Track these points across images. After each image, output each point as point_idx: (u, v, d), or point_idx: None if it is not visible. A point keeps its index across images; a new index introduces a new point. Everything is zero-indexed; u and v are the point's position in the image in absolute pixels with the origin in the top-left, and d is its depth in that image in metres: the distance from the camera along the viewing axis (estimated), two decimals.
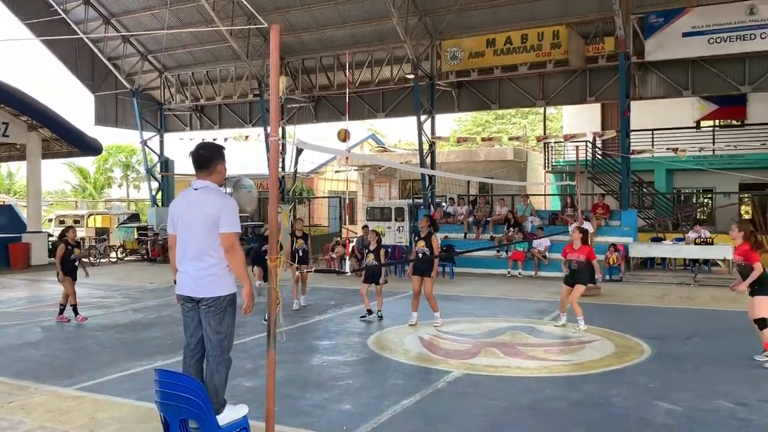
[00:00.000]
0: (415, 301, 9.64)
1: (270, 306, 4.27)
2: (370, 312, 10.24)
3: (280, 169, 21.77)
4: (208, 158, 4.38)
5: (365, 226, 18.57)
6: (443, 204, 20.83)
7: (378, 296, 10.45)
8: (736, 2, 15.80)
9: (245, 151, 26.37)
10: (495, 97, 20.56)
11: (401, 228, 21.53)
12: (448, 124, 39.64)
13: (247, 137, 23.91)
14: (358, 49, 20.51)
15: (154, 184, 25.21)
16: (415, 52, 19.06)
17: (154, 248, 21.60)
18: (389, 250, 18.78)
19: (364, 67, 20.80)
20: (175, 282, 4.47)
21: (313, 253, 20.41)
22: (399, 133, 42.01)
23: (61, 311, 10.26)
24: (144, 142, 24.92)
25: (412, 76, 19.50)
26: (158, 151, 25.48)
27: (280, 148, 20.86)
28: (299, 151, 20.56)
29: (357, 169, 31.60)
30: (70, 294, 10.21)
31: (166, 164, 25.38)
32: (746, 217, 21.04)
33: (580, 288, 9.34)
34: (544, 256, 16.54)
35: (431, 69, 19.65)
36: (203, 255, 4.25)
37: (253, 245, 17.78)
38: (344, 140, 18.20)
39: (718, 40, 16.22)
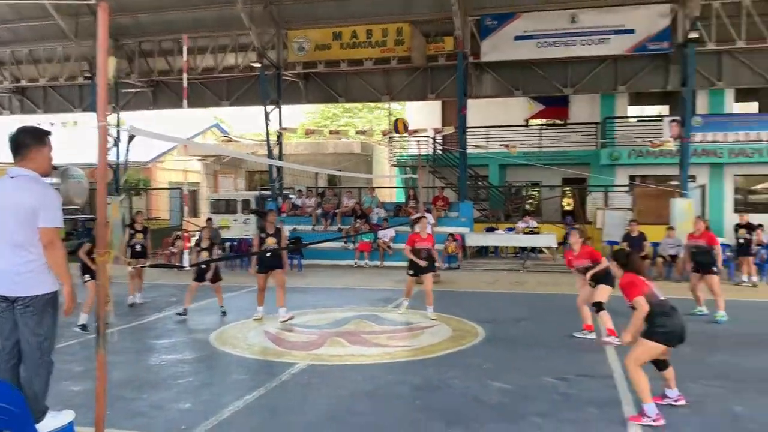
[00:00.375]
0: (261, 296, 9.47)
1: (99, 304, 3.97)
2: (185, 312, 9.77)
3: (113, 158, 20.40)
4: (25, 144, 3.96)
5: (209, 219, 17.96)
6: (291, 196, 20.69)
7: (217, 293, 10.15)
8: (561, 10, 17.18)
9: (74, 138, 24.37)
10: (342, 91, 20.75)
11: (248, 221, 21.08)
12: (298, 116, 39.39)
13: (75, 123, 22.11)
14: (201, 34, 19.68)
15: None
16: (260, 41, 18.69)
17: None
18: (235, 244, 18.35)
19: (207, 52, 20.04)
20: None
21: (153, 248, 19.43)
22: (245, 122, 40.99)
23: None
24: None
25: (257, 65, 19.11)
26: None
27: (117, 135, 19.62)
28: (131, 138, 19.38)
29: (200, 159, 30.43)
30: None
31: None
32: (568, 208, 23.07)
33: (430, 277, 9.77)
34: (389, 247, 17.00)
35: (277, 59, 19.38)
36: (19, 250, 3.84)
37: (84, 240, 16.50)
38: (404, 131, 17.58)
39: (545, 44, 17.55)
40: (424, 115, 24.78)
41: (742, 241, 13.76)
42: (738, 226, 14.09)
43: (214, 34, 19.65)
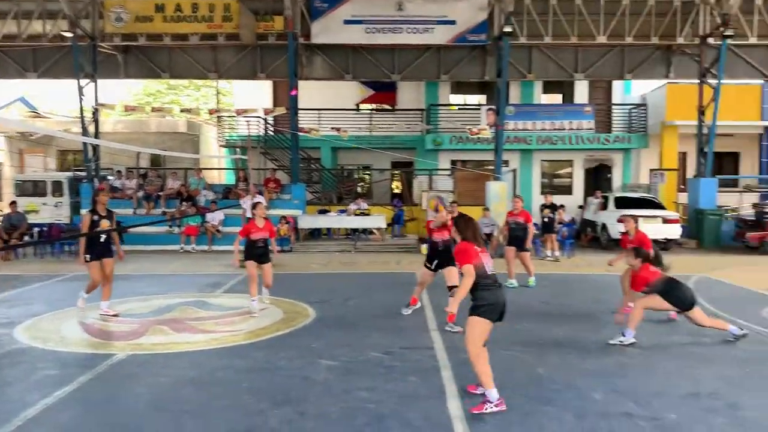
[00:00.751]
0: (95, 287, 8.61)
1: None
2: None
3: None
4: None
5: (13, 203, 16.28)
6: (110, 177, 19.33)
7: None
8: None
9: None
10: (166, 66, 19.69)
11: (59, 204, 19.33)
12: (117, 92, 36.68)
13: None
14: None
15: None
16: (72, 9, 17.13)
17: None
18: (45, 229, 16.83)
19: (9, 18, 18.00)
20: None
21: None
22: (56, 97, 37.41)
23: None
24: None
25: (69, 35, 17.50)
26: None
27: None
28: None
29: (4, 135, 27.31)
30: None
31: None
32: (397, 191, 23.93)
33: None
34: (218, 230, 16.55)
35: (92, 29, 17.91)
36: None
37: None
38: (435, 210, 15.10)
39: (374, 30, 17.98)
40: (254, 94, 24.27)
41: (546, 220, 15.20)
42: (543, 207, 15.53)
43: None
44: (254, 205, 9.24)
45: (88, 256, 8.21)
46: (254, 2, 17.96)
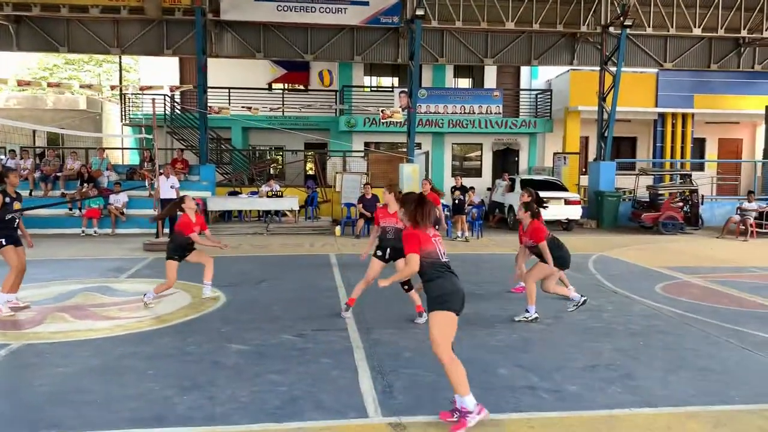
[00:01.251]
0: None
1: None
2: None
3: None
4: None
5: None
6: (2, 157, 18.09)
7: None
8: None
9: None
10: (63, 39, 18.56)
11: None
12: (9, 66, 34.26)
13: None
14: None
15: None
16: None
17: None
18: None
19: None
20: None
21: None
22: None
23: None
24: None
25: None
26: None
27: None
28: None
29: None
30: None
31: None
32: (310, 173, 23.75)
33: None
34: (122, 213, 15.88)
35: None
36: None
37: None
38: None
39: (286, 8, 17.66)
40: (159, 71, 23.32)
41: (456, 201, 15.55)
42: (454, 189, 15.87)
43: None
44: (181, 199, 8.22)
45: (3, 240, 7.42)
46: None
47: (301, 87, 24.93)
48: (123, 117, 24.22)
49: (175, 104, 22.67)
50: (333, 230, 16.07)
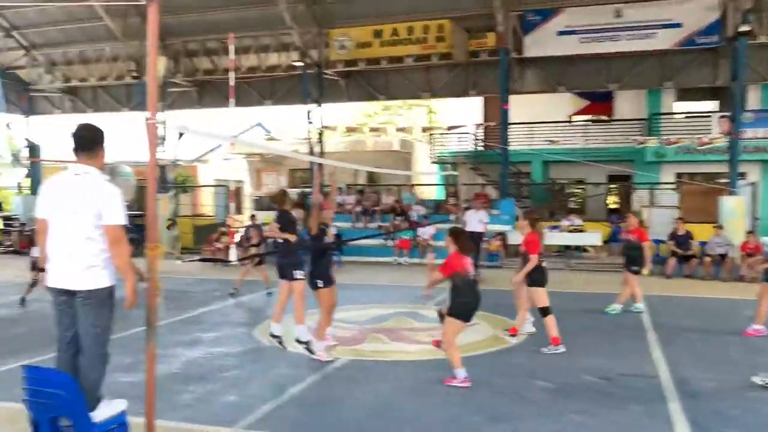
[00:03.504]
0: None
1: (150, 297, 4.10)
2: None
3: (162, 156, 20.90)
4: (91, 139, 4.05)
5: (252, 216, 18.25)
6: None
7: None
8: (605, 5, 16.87)
9: (122, 137, 25.02)
10: (383, 88, 20.78)
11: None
12: (338, 114, 39.63)
13: (125, 122, 22.72)
14: (245, 34, 19.97)
15: (20, 171, 23.38)
16: (302, 40, 18.88)
17: (21, 240, 20.05)
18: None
19: (251, 52, 20.33)
20: (42, 270, 4.12)
21: (197, 243, 19.84)
22: (288, 121, 41.41)
23: None
24: (7, 126, 23.00)
25: (300, 64, 19.30)
26: (25, 136, 23.63)
27: (164, 133, 20.11)
28: (180, 135, 19.84)
29: (244, 157, 30.87)
30: None
31: (33, 149, 23.58)
32: (613, 206, 22.67)
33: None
34: (429, 244, 16.99)
35: (319, 57, 19.54)
36: (82, 246, 3.95)
37: (133, 236, 16.84)
38: None
39: (589, 39, 17.28)
40: (465, 111, 24.64)
41: None
42: None
43: (257, 33, 19.92)
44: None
45: (320, 282, 7.44)
46: (467, 21, 18.25)
47: (604, 117, 24.05)
48: (431, 155, 26.09)
49: (479, 141, 23.67)
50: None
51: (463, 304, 6.06)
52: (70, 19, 20.93)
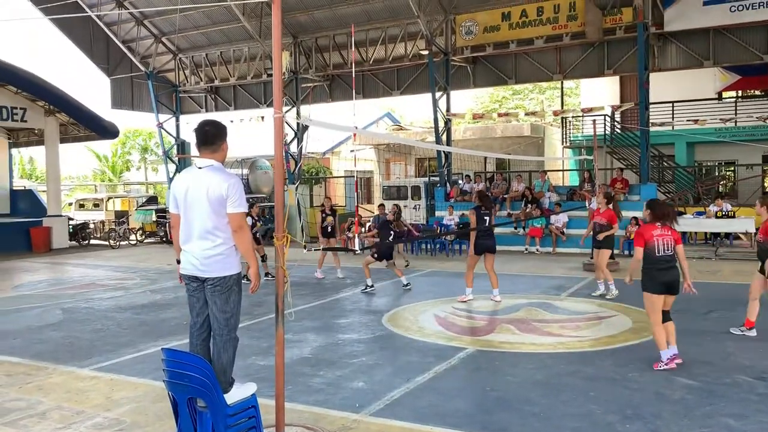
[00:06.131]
0: (470, 276, 9.77)
1: (278, 284, 4.25)
2: (371, 286, 10.92)
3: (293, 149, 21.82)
4: (214, 135, 4.30)
5: (381, 205, 18.53)
6: (460, 182, 20.69)
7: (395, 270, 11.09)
8: None
9: (261, 132, 26.37)
10: (511, 72, 20.27)
11: (417, 206, 21.43)
12: (465, 101, 39.27)
13: (262, 118, 23.89)
14: (371, 26, 20.29)
15: (171, 167, 25.34)
16: (429, 28, 18.82)
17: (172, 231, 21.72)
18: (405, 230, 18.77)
19: (378, 44, 20.59)
20: (178, 261, 4.43)
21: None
22: (415, 111, 41.69)
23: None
24: (160, 125, 25.00)
25: (426, 53, 19.27)
26: (174, 134, 25.57)
27: (297, 127, 20.95)
28: (305, 128, 20.64)
29: (372, 148, 31.47)
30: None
31: (182, 146, 25.45)
32: None
33: (605, 252, 9.82)
34: (562, 233, 16.40)
35: (446, 45, 19.40)
36: (209, 235, 4.19)
37: (270, 226, 17.84)
38: None
39: (740, 8, 15.79)
40: (599, 92, 23.51)
41: None
42: None
43: (384, 24, 20.15)
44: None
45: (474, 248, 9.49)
46: None
47: (759, 93, 21.93)
48: (564, 140, 25.14)
49: (616, 123, 22.46)
50: None
51: (650, 276, 6.03)
52: (211, 23, 22.33)
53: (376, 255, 10.91)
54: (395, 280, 11.35)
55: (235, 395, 4.16)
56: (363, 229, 18.51)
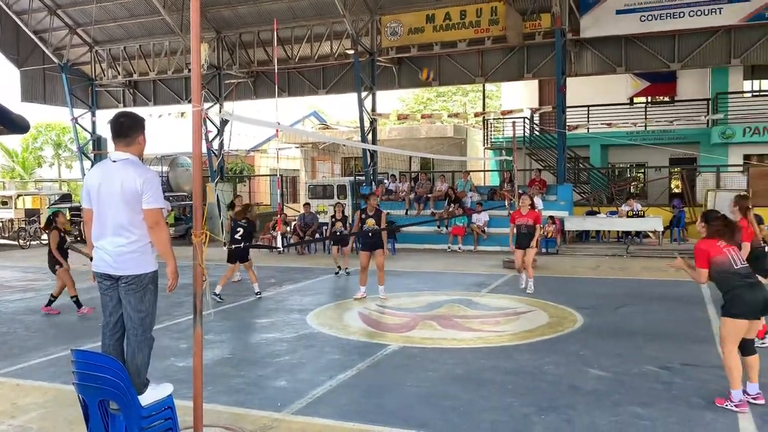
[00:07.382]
0: (363, 276, 9.69)
1: (196, 282, 4.14)
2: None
3: (216, 146, 21.37)
4: (129, 127, 4.14)
5: (307, 204, 18.39)
6: (385, 181, 20.82)
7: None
8: None
9: (182, 130, 25.64)
10: (435, 74, 20.55)
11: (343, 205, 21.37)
12: (391, 102, 39.57)
13: (183, 114, 23.26)
14: (297, 24, 20.14)
15: (87, 163, 24.29)
16: (354, 27, 18.84)
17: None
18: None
19: (304, 42, 20.45)
20: (91, 258, 4.24)
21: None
22: (341, 110, 41.68)
23: (50, 303, 9.34)
24: (74, 120, 23.92)
25: (352, 52, 19.29)
26: (90, 129, 24.51)
27: (220, 123, 20.51)
28: (226, 123, 20.32)
29: (298, 147, 31.21)
30: (69, 285, 9.27)
31: (98, 142, 24.45)
32: (677, 191, 21.83)
33: (531, 251, 10.17)
34: (483, 231, 16.79)
35: (371, 45, 19.48)
36: (124, 231, 4.04)
37: (190, 224, 17.27)
38: (426, 79, 18.83)
39: (650, 17, 16.65)
40: (519, 95, 24.17)
41: None
42: None
43: (309, 22, 20.03)
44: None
45: (359, 245, 9.71)
46: (521, 3, 17.85)
47: (667, 99, 23.17)
48: (485, 141, 25.72)
49: (534, 126, 23.18)
50: None
51: (738, 297, 4.87)
52: (130, 15, 21.55)
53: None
54: (326, 277, 11.29)
55: (150, 396, 4.02)
56: (288, 228, 18.38)
